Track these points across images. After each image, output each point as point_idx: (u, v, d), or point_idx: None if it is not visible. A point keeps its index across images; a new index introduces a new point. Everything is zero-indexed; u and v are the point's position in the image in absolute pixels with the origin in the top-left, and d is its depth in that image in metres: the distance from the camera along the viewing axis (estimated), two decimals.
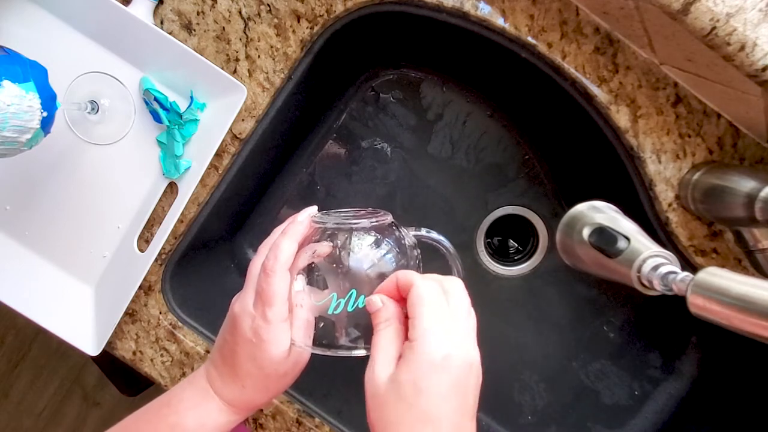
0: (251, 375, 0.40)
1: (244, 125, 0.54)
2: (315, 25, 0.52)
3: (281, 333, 0.39)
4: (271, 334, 0.39)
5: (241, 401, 0.42)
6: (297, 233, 0.41)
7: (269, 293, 0.39)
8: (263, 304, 0.39)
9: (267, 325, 0.39)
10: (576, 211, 0.46)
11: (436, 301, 0.36)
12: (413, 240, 0.44)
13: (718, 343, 0.65)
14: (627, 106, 0.51)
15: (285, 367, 0.41)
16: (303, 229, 0.41)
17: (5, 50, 0.44)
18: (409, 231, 0.44)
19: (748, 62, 0.41)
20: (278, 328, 0.39)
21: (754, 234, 0.48)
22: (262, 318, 0.39)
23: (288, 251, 0.40)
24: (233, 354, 0.41)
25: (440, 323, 0.35)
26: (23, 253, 0.56)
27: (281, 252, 0.40)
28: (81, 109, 0.53)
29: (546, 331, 0.69)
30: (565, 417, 0.69)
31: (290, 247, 0.40)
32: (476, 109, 0.66)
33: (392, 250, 0.41)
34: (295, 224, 0.41)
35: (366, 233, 0.41)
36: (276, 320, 0.39)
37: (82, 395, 1.44)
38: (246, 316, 0.40)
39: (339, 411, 0.60)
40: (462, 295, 0.38)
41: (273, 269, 0.39)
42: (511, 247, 0.71)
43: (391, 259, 0.41)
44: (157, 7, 0.52)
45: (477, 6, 0.50)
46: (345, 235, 0.41)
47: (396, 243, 0.42)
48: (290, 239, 0.40)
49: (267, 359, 0.39)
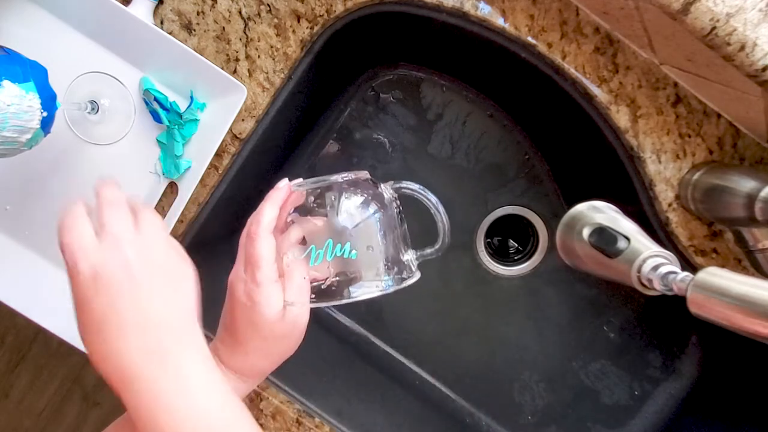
0: (251, 339, 0.42)
1: (244, 125, 0.54)
2: (315, 25, 0.52)
3: (272, 293, 0.41)
4: (262, 295, 0.40)
5: (246, 367, 0.44)
6: (277, 198, 0.43)
7: (256, 256, 0.41)
8: (252, 267, 0.41)
9: (257, 287, 0.41)
10: (576, 211, 0.46)
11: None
12: (391, 193, 0.46)
13: (718, 342, 0.65)
14: (627, 106, 0.51)
15: (282, 328, 0.42)
16: (282, 195, 0.43)
17: (5, 50, 0.44)
18: (387, 184, 0.47)
19: (748, 62, 0.41)
20: (269, 288, 0.41)
21: (754, 234, 0.48)
22: (252, 281, 0.41)
23: (269, 215, 0.42)
24: (233, 321, 0.43)
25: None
26: (23, 253, 0.56)
27: (263, 216, 0.42)
28: (81, 109, 0.53)
29: (546, 331, 0.69)
30: (565, 417, 0.69)
31: (271, 211, 0.42)
32: (476, 109, 0.66)
33: (369, 202, 0.44)
34: (275, 190, 0.44)
35: (345, 191, 0.44)
36: (265, 281, 0.41)
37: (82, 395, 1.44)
38: (239, 282, 0.42)
39: (339, 411, 0.60)
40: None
41: (256, 233, 0.41)
42: (511, 247, 0.71)
43: (369, 210, 0.44)
44: (157, 7, 0.52)
45: (477, 6, 0.50)
46: (329, 195, 0.44)
47: (373, 196, 0.45)
48: (271, 204, 0.43)
49: (262, 321, 0.41)
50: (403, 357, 0.70)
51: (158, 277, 0.36)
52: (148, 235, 0.38)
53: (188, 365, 0.35)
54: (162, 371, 0.34)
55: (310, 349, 0.65)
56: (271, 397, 0.57)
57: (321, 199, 0.44)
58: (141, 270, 0.36)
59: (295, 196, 0.44)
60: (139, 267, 0.36)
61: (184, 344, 0.36)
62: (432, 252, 0.48)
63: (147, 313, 0.35)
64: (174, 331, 0.36)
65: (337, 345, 0.69)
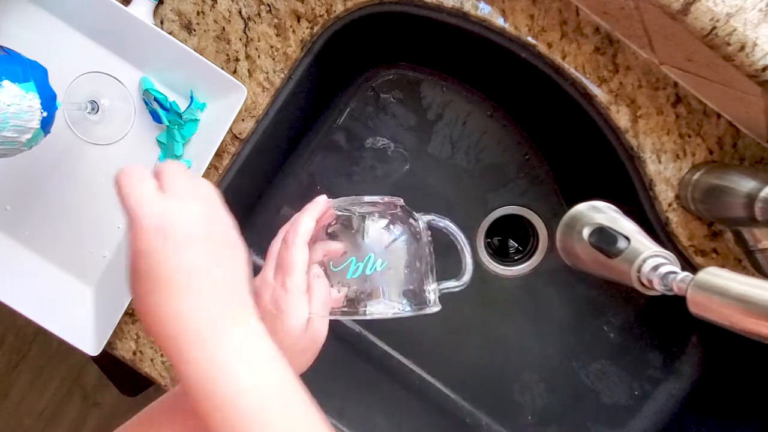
0: None
1: (244, 125, 0.54)
2: (315, 25, 0.52)
3: (300, 304, 0.41)
4: (290, 304, 0.40)
5: None
6: (315, 211, 0.44)
7: (289, 263, 0.41)
8: (283, 273, 0.41)
9: (286, 294, 0.40)
10: (576, 211, 0.46)
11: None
12: (424, 224, 0.47)
13: (718, 343, 0.65)
14: (627, 106, 0.51)
15: (303, 343, 0.42)
16: (321, 208, 0.44)
17: (5, 50, 0.44)
18: (421, 215, 0.48)
19: (748, 62, 0.41)
20: (297, 298, 0.40)
21: (754, 234, 0.48)
22: (282, 287, 0.40)
23: (307, 225, 0.42)
24: None
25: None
26: (23, 253, 0.56)
27: (300, 226, 0.42)
28: (81, 109, 0.53)
29: (546, 331, 0.69)
30: (565, 417, 0.69)
31: (309, 222, 0.43)
32: (476, 109, 0.66)
33: (401, 227, 0.45)
34: (314, 203, 0.44)
35: (378, 217, 0.45)
36: (295, 290, 0.40)
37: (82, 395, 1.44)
38: (267, 287, 0.42)
39: (339, 411, 0.60)
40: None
41: (293, 241, 0.41)
42: (511, 247, 0.71)
43: (401, 234, 0.45)
44: (157, 7, 0.52)
45: (477, 6, 0.50)
46: (358, 221, 0.45)
47: (406, 222, 0.46)
48: (309, 216, 0.43)
49: (286, 331, 0.40)
50: (403, 357, 0.70)
51: (223, 238, 0.34)
52: (209, 197, 0.36)
53: (251, 334, 0.33)
54: (226, 338, 0.32)
55: None
56: None
57: (355, 225, 0.45)
58: (209, 227, 0.34)
59: (331, 211, 0.45)
60: (206, 224, 0.34)
61: (247, 312, 0.34)
62: (454, 286, 0.48)
63: (215, 274, 0.33)
64: (239, 296, 0.34)
65: (337, 345, 0.69)
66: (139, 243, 0.32)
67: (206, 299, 0.32)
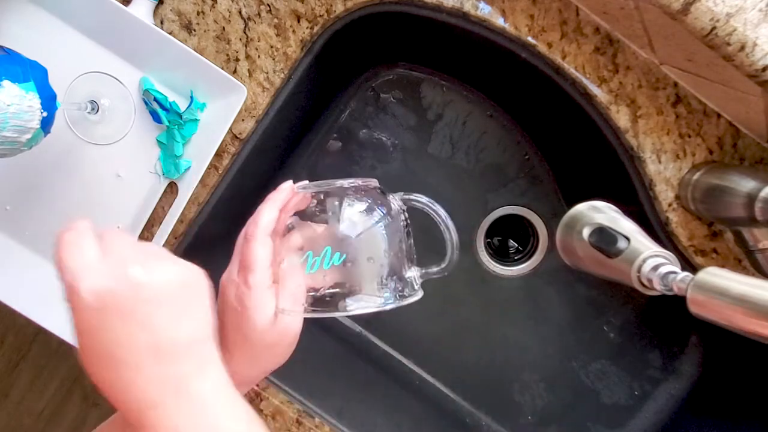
0: (237, 344, 0.40)
1: (244, 125, 0.54)
2: (315, 25, 0.52)
3: (264, 299, 0.39)
4: (253, 300, 0.39)
5: (231, 373, 0.40)
6: (278, 199, 0.41)
7: (250, 258, 0.39)
8: (245, 270, 0.39)
9: (249, 291, 0.39)
10: (576, 211, 0.46)
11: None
12: (400, 204, 0.44)
13: (718, 343, 0.65)
14: (627, 106, 0.51)
15: (271, 336, 0.40)
16: (284, 196, 0.41)
17: (5, 50, 0.44)
18: (396, 195, 0.45)
19: (748, 62, 0.41)
20: (261, 294, 0.39)
21: (754, 234, 0.48)
22: (245, 284, 0.39)
23: (267, 217, 0.40)
24: (221, 325, 0.40)
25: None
26: (23, 253, 0.56)
27: (261, 217, 0.40)
28: (81, 109, 0.53)
29: (546, 331, 0.69)
30: (565, 417, 0.69)
31: (270, 212, 0.40)
32: (476, 109, 0.66)
33: (374, 211, 0.42)
34: (276, 191, 0.41)
35: (351, 199, 0.42)
36: (257, 286, 0.39)
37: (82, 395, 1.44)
38: (231, 284, 0.40)
39: (339, 411, 0.60)
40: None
41: (252, 234, 0.39)
42: (511, 247, 0.71)
43: (373, 220, 0.42)
44: (157, 7, 0.52)
45: (477, 6, 0.50)
46: (333, 200, 0.42)
47: (379, 205, 0.43)
48: (271, 205, 0.40)
49: (251, 327, 0.39)
50: (403, 357, 0.70)
51: (171, 297, 0.33)
52: (153, 252, 0.35)
53: (208, 390, 0.33)
54: (182, 400, 0.31)
55: (310, 349, 0.65)
56: (271, 397, 0.57)
57: (324, 204, 0.42)
58: (152, 290, 0.32)
59: (298, 198, 0.42)
60: (149, 287, 0.32)
61: (203, 367, 0.33)
62: (438, 270, 0.45)
63: (161, 338, 0.32)
64: (191, 354, 0.33)
65: (337, 345, 0.69)
66: (79, 319, 0.32)
67: (156, 365, 0.31)
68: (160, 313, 0.32)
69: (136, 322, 0.31)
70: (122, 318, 0.31)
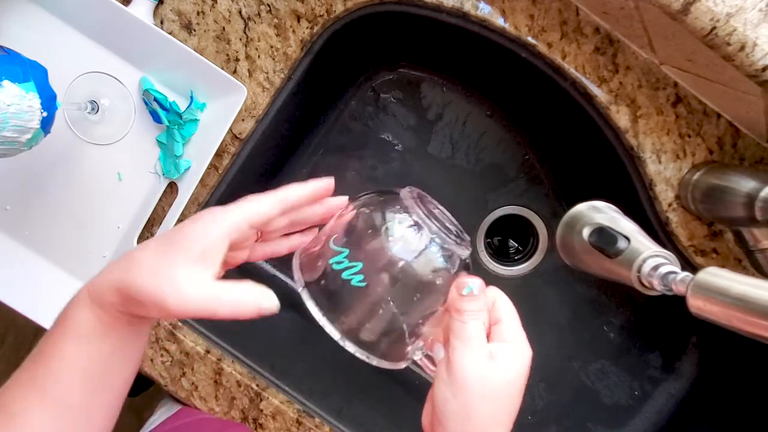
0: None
1: (244, 125, 0.54)
2: (315, 25, 0.52)
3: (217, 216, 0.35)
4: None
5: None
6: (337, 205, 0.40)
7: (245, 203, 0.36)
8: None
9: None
10: (576, 211, 0.46)
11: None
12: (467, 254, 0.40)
13: (717, 343, 0.65)
14: (627, 106, 0.51)
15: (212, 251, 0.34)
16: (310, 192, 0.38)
17: (5, 50, 0.44)
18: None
19: (748, 62, 0.41)
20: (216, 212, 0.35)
21: (754, 234, 0.48)
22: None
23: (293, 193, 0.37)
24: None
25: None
26: (23, 253, 0.56)
27: (286, 191, 0.37)
28: (81, 109, 0.53)
29: (546, 331, 0.69)
30: (565, 417, 0.69)
31: (299, 190, 0.37)
32: (476, 109, 0.66)
33: (442, 265, 0.38)
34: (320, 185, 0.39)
35: (436, 240, 0.38)
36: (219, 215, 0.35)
37: None
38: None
39: (339, 411, 0.60)
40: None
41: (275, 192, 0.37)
42: (511, 247, 0.71)
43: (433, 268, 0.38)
44: (157, 7, 0.52)
45: (477, 6, 0.50)
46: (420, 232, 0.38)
47: (449, 259, 0.38)
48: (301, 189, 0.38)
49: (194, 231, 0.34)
50: None
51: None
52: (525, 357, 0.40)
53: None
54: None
55: (310, 349, 0.65)
56: (271, 397, 0.57)
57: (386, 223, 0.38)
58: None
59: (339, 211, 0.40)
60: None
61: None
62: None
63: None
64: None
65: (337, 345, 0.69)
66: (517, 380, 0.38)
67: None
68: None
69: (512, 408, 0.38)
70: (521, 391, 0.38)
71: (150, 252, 0.34)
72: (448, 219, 0.41)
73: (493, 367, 0.36)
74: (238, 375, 0.57)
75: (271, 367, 0.59)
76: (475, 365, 0.36)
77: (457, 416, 0.36)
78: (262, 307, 0.33)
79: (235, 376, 0.57)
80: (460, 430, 0.36)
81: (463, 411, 0.35)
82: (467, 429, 0.36)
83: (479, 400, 0.35)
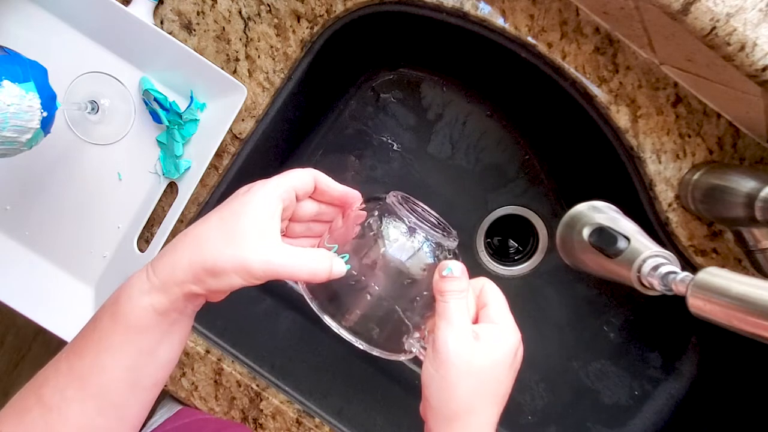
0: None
1: (244, 125, 0.54)
2: (315, 25, 0.52)
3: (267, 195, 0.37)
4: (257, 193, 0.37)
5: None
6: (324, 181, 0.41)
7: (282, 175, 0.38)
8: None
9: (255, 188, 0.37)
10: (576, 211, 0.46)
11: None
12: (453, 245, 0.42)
13: (717, 343, 0.65)
14: (627, 106, 0.51)
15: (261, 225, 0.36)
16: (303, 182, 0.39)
17: (5, 50, 0.44)
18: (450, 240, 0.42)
19: (748, 62, 0.41)
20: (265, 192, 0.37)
21: (754, 234, 0.48)
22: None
23: (300, 175, 0.39)
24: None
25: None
26: (23, 253, 0.56)
27: (299, 173, 0.39)
28: (81, 109, 0.53)
29: (546, 331, 0.69)
30: (565, 417, 0.69)
31: (303, 175, 0.39)
32: (476, 109, 0.66)
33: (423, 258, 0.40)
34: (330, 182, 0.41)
35: (428, 245, 0.40)
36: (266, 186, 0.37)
37: None
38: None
39: (339, 411, 0.60)
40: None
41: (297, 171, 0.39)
42: (511, 247, 0.71)
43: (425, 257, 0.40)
44: (157, 7, 0.52)
45: (477, 6, 0.50)
46: (391, 222, 0.40)
47: (435, 258, 0.40)
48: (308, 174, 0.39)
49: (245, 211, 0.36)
50: None
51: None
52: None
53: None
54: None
55: (310, 349, 0.65)
56: (271, 397, 0.57)
57: (383, 222, 0.40)
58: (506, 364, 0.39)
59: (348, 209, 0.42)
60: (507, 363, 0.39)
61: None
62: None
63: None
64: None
65: (337, 345, 0.69)
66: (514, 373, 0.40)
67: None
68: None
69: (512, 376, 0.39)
70: (511, 373, 0.39)
71: (213, 226, 0.36)
72: (432, 215, 0.43)
73: (478, 346, 0.37)
74: (238, 375, 0.57)
75: (271, 367, 0.59)
76: (457, 341, 0.36)
77: (440, 392, 0.37)
78: (334, 272, 0.37)
79: (235, 376, 0.57)
80: (444, 406, 0.37)
81: (446, 386, 0.37)
82: (450, 406, 0.37)
83: (463, 377, 0.36)
